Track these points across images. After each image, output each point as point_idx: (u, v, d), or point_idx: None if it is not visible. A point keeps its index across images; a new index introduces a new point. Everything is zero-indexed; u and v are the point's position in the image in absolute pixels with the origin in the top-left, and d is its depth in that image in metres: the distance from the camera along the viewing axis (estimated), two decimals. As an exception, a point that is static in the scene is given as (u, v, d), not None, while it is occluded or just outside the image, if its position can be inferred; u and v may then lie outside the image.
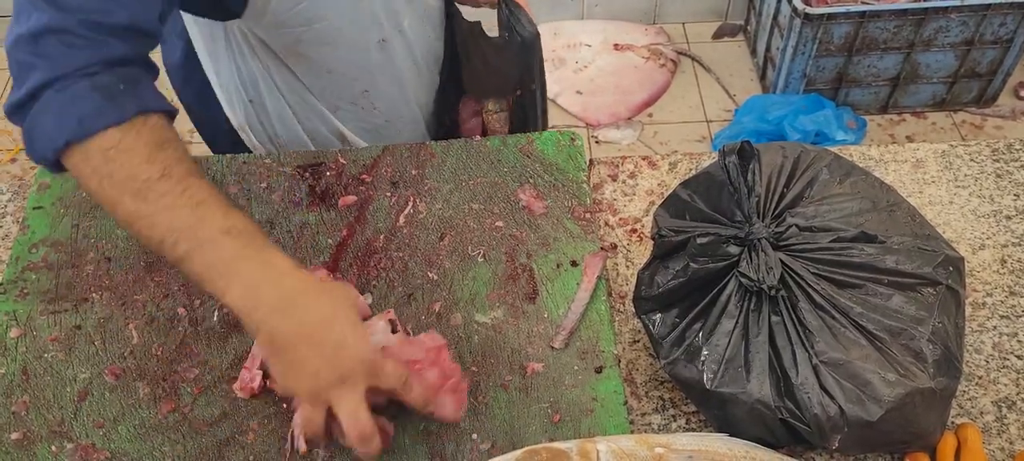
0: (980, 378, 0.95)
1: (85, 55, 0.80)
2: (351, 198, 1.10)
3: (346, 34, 1.11)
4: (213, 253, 0.78)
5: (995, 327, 0.99)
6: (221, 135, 1.23)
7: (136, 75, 0.83)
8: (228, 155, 1.15)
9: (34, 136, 0.81)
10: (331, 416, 0.79)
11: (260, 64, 1.13)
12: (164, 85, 1.06)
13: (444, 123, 1.36)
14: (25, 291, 1.02)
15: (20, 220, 1.11)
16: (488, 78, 1.34)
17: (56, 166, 0.83)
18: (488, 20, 1.31)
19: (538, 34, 1.32)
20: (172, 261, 0.80)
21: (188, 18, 1.12)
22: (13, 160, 2.69)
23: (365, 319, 0.91)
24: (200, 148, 1.36)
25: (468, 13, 1.34)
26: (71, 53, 0.79)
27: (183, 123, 1.08)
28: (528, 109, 1.37)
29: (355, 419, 0.77)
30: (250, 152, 1.21)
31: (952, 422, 0.91)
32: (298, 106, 1.19)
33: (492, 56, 1.32)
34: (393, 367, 0.81)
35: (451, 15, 1.30)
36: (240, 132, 1.22)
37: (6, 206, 1.14)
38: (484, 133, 1.37)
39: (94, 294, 1.02)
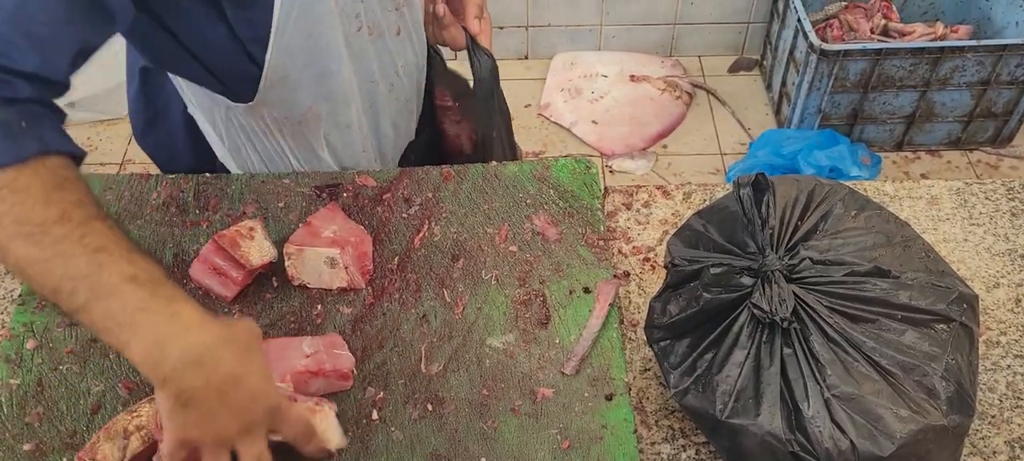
0: (993, 417, 0.94)
1: None
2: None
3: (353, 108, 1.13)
4: (114, 303, 0.73)
5: (1009, 366, 0.98)
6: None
7: (39, 114, 0.80)
8: (247, 173, 1.17)
9: None
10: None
11: (273, 140, 1.15)
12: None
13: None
14: (43, 303, 1.03)
15: (40, 232, 1.12)
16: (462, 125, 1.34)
17: None
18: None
19: (495, 68, 1.27)
20: (68, 312, 0.74)
21: (189, 94, 1.11)
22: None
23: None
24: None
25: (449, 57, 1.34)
26: None
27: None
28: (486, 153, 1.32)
29: None
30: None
31: (965, 461, 0.90)
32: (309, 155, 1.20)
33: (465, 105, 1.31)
34: (297, 417, 0.80)
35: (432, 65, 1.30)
36: None
37: (27, 218, 1.16)
38: None
39: (110, 307, 1.03)
